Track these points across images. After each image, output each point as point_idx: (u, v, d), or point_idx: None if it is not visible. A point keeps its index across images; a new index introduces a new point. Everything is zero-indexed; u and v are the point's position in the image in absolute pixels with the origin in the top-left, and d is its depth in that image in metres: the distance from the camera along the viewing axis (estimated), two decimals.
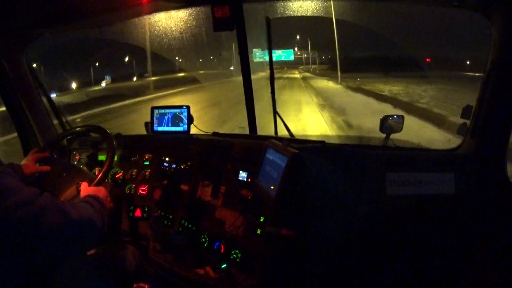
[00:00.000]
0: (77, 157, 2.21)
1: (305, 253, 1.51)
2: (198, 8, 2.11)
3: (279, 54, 35.64)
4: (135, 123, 9.79)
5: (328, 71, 39.24)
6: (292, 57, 37.36)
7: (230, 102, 14.29)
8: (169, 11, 2.10)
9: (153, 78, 28.81)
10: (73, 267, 1.38)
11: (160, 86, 23.52)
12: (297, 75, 40.70)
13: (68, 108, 12.33)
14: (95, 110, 14.15)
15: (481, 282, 1.71)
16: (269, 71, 2.19)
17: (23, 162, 1.67)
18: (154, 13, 2.13)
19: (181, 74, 33.58)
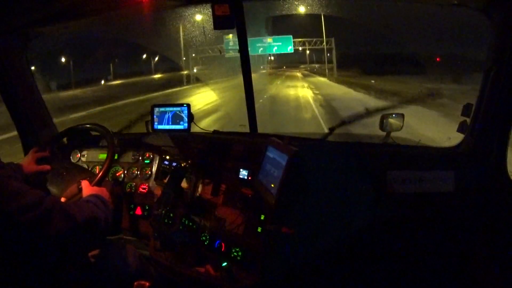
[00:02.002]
0: (77, 156, 2.21)
1: (305, 251, 1.52)
2: None
3: (269, 44, 20.92)
4: None
5: (353, 77, 23.44)
6: (291, 48, 21.65)
7: None
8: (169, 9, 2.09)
9: (117, 82, 24.25)
10: (74, 267, 1.39)
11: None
12: (306, 91, 19.64)
13: None
14: None
15: (481, 281, 1.72)
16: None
17: (23, 161, 1.67)
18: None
19: (158, 76, 28.03)
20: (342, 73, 26.73)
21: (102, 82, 24.53)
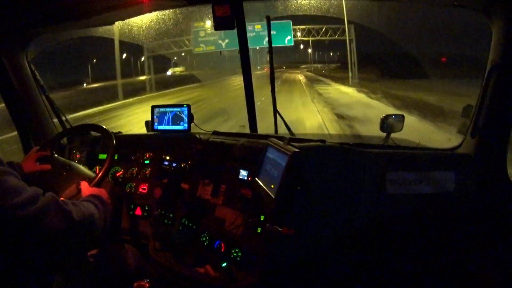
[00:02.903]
0: (77, 156, 2.21)
1: (305, 252, 1.52)
2: None
3: (259, 33, 15.43)
4: None
5: (375, 81, 18.45)
6: (290, 40, 15.93)
7: None
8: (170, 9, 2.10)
9: (95, 85, 22.58)
10: (73, 267, 1.39)
11: None
12: None
13: None
14: None
15: (481, 281, 1.72)
16: (266, 70, 2.18)
17: (23, 160, 1.67)
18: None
19: (142, 78, 25.93)
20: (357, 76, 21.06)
21: (84, 85, 23.33)
